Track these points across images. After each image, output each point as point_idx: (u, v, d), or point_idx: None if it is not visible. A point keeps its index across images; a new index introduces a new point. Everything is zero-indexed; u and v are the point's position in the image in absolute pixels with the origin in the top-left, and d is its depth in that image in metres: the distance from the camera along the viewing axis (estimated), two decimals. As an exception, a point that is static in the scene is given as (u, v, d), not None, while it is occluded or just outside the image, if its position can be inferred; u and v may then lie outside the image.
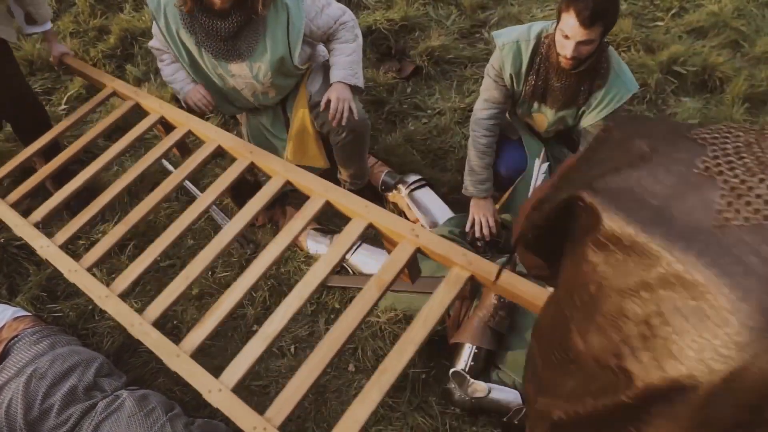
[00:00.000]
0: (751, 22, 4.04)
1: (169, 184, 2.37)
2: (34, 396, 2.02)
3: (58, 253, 2.17)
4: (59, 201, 2.36)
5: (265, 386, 2.45)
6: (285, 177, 2.24)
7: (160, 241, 2.21)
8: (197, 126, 2.48)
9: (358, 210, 2.08)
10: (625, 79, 2.45)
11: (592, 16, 2.14)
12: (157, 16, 2.47)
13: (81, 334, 2.56)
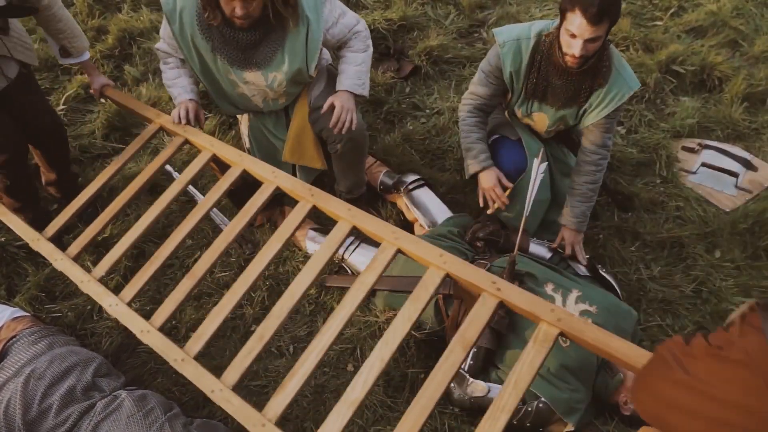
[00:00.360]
0: (749, 21, 4.04)
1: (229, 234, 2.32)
2: (32, 396, 2.02)
3: (129, 312, 2.14)
4: (120, 253, 2.32)
5: (263, 386, 2.45)
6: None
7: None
8: (252, 166, 2.40)
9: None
10: (627, 76, 2.45)
11: (599, 13, 2.14)
12: (171, 19, 2.44)
13: (79, 334, 2.56)
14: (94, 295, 2.20)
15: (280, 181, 2.30)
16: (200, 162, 2.49)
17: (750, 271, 2.78)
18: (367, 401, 2.36)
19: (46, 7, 2.46)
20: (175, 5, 2.41)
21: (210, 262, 2.19)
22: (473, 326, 1.83)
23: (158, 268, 2.25)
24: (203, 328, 2.05)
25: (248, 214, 2.29)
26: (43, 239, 2.41)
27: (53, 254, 2.34)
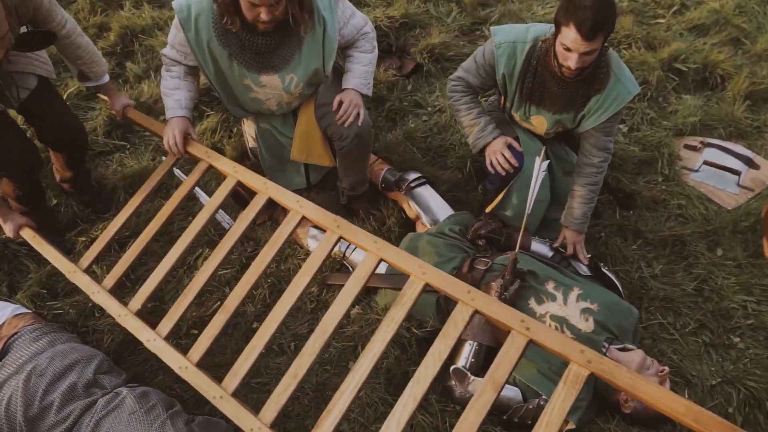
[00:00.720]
0: (752, 19, 4.03)
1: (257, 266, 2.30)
2: (33, 393, 2.02)
3: (166, 348, 2.14)
4: (154, 286, 2.32)
5: (265, 384, 2.45)
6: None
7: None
8: (278, 194, 2.38)
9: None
10: (626, 81, 2.43)
11: (593, 28, 2.13)
12: (186, 26, 2.42)
13: (81, 331, 2.56)
14: (132, 329, 2.19)
15: (305, 211, 2.29)
16: (225, 189, 2.48)
17: (752, 270, 2.77)
18: (367, 399, 2.36)
19: (64, 35, 2.45)
20: (189, 12, 2.39)
21: (242, 295, 2.19)
22: (503, 366, 1.81)
23: (192, 300, 2.25)
24: (239, 364, 2.06)
25: (276, 244, 2.30)
26: (79, 271, 2.40)
27: (90, 287, 2.34)
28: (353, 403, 2.34)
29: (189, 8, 2.38)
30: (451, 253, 2.56)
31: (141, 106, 3.51)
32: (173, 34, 2.52)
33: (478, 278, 2.45)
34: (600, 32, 2.16)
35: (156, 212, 2.56)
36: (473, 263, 2.51)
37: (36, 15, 2.30)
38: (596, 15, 2.10)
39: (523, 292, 2.36)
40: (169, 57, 2.61)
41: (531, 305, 2.35)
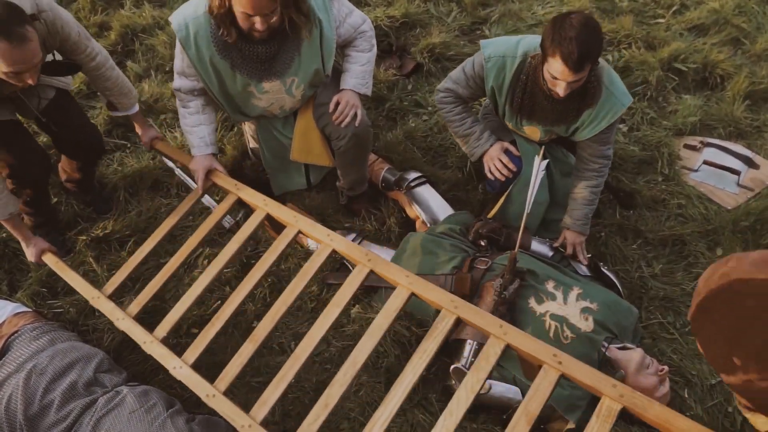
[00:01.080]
0: (752, 19, 4.03)
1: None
2: (34, 392, 2.02)
3: (193, 375, 2.13)
4: (180, 315, 2.31)
5: (265, 383, 2.44)
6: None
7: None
8: (308, 228, 2.39)
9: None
10: (618, 94, 2.41)
11: (579, 61, 2.12)
12: (186, 46, 2.43)
13: (81, 330, 2.56)
14: (159, 357, 2.18)
15: (335, 244, 2.30)
16: (254, 221, 2.49)
17: (751, 269, 2.77)
18: (367, 398, 2.36)
19: (93, 68, 2.49)
20: (188, 30, 2.40)
21: (270, 326, 2.19)
22: (536, 400, 1.81)
23: (219, 330, 2.25)
24: (268, 393, 2.07)
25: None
26: (103, 297, 2.39)
27: (114, 313, 2.33)
28: (352, 402, 2.36)
29: (187, 26, 2.40)
30: (452, 253, 2.57)
31: (142, 104, 3.51)
32: (179, 59, 2.53)
33: (478, 278, 2.45)
34: (587, 62, 2.16)
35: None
36: (473, 263, 2.52)
37: (63, 45, 2.34)
38: (582, 47, 2.10)
39: (523, 291, 2.36)
40: (183, 91, 2.61)
41: (531, 304, 2.35)
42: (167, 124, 3.42)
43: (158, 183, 3.13)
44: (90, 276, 2.77)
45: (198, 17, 2.38)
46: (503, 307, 2.29)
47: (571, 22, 2.13)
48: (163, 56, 3.79)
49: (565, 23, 2.13)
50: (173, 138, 3.33)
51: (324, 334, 2.12)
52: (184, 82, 2.58)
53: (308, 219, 2.41)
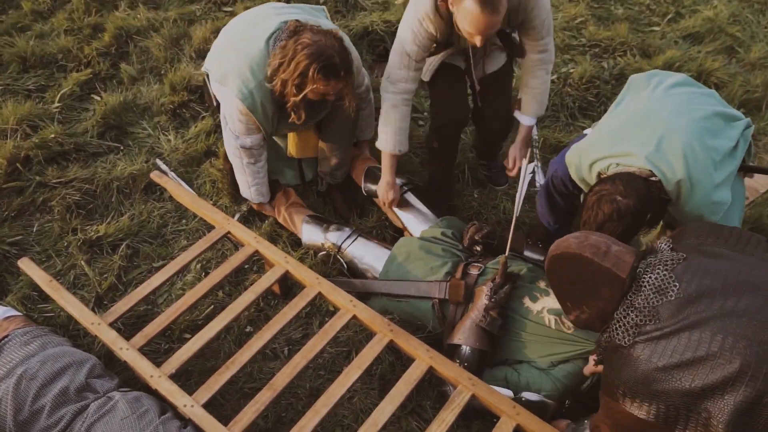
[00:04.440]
0: (746, 28, 4.05)
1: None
2: (24, 397, 2.00)
3: (205, 415, 2.06)
4: (191, 353, 2.26)
5: (258, 389, 2.42)
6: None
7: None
8: (330, 292, 2.43)
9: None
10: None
11: None
12: (254, 111, 2.55)
13: (72, 334, 2.53)
14: (166, 393, 2.12)
15: (358, 311, 2.34)
16: (273, 276, 2.49)
17: (746, 278, 2.78)
18: (361, 405, 2.35)
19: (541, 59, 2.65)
20: (254, 99, 2.53)
21: (289, 378, 2.19)
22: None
23: (235, 373, 2.22)
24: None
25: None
26: (104, 324, 2.30)
27: (116, 342, 2.26)
28: (346, 409, 2.34)
29: (252, 95, 2.53)
30: (444, 258, 2.56)
31: (138, 107, 3.50)
32: (241, 123, 2.60)
33: (472, 283, 2.44)
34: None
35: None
36: (466, 268, 2.51)
37: (523, 24, 2.53)
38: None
39: (516, 292, 2.35)
40: (255, 148, 2.71)
41: (526, 304, 2.34)
42: (161, 127, 3.40)
43: (151, 186, 3.11)
44: (81, 280, 2.75)
45: (260, 83, 2.50)
46: (494, 311, 2.28)
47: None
48: (158, 59, 3.77)
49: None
50: (167, 141, 3.31)
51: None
52: (253, 138, 2.67)
53: (329, 282, 2.45)
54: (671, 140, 2.03)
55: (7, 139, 3.22)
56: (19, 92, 3.57)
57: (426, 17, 2.39)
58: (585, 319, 1.75)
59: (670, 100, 2.19)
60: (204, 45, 3.82)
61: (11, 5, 4.19)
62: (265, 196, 2.88)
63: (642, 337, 1.59)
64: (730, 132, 2.16)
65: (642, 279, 1.65)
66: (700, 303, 1.56)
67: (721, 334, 1.51)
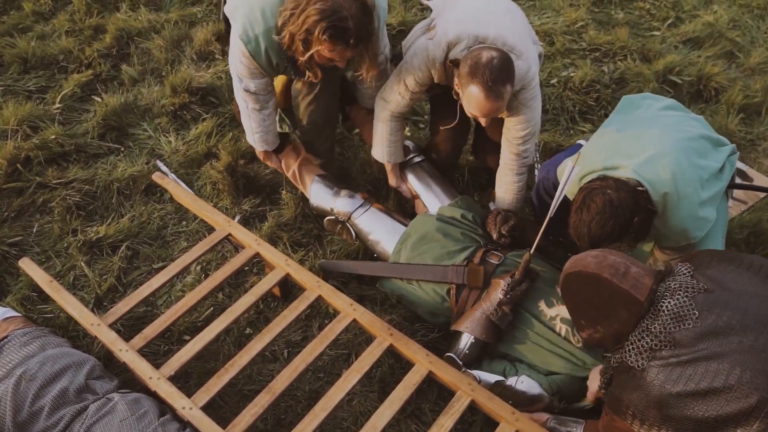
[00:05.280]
0: (746, 33, 4.06)
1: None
2: (23, 398, 1.99)
3: (203, 418, 2.06)
4: (190, 356, 2.25)
5: (258, 391, 2.42)
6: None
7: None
8: (330, 295, 2.43)
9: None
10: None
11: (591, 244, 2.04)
12: (256, 56, 2.41)
13: (71, 336, 2.53)
14: (165, 395, 2.12)
15: (357, 315, 2.34)
16: (273, 279, 2.48)
17: (745, 282, 2.78)
18: (360, 407, 2.35)
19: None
20: (258, 44, 2.38)
21: (288, 381, 2.19)
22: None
23: (234, 375, 2.22)
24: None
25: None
26: (103, 325, 2.31)
27: (116, 343, 2.26)
28: (345, 412, 2.34)
29: (257, 40, 2.37)
30: (464, 243, 2.51)
31: (138, 108, 3.50)
32: (243, 66, 2.47)
33: (491, 271, 2.41)
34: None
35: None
36: (485, 255, 2.46)
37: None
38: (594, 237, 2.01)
39: (533, 293, 2.33)
40: (260, 92, 2.57)
41: (541, 307, 2.32)
42: (162, 128, 3.40)
43: (152, 187, 3.11)
44: (81, 281, 2.74)
45: (269, 30, 2.32)
46: (507, 306, 2.27)
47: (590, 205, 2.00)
48: (159, 60, 3.77)
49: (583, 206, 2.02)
50: (167, 143, 3.31)
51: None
52: (257, 82, 2.53)
53: (329, 285, 2.45)
54: (661, 155, 2.06)
55: (7, 139, 3.22)
56: (20, 93, 3.57)
57: (434, 65, 2.39)
58: (598, 338, 1.74)
59: (661, 121, 2.25)
60: (205, 47, 3.83)
61: (12, 6, 4.19)
62: (269, 144, 2.76)
63: (657, 362, 1.58)
64: (716, 155, 2.20)
65: (661, 303, 1.64)
66: (718, 335, 1.55)
67: (739, 368, 1.50)
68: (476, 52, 2.19)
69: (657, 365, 1.58)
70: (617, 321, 1.66)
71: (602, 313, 1.69)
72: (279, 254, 2.55)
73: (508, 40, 2.27)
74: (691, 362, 1.54)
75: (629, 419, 1.64)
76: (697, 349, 1.54)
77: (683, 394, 1.53)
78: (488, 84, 2.13)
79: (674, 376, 1.55)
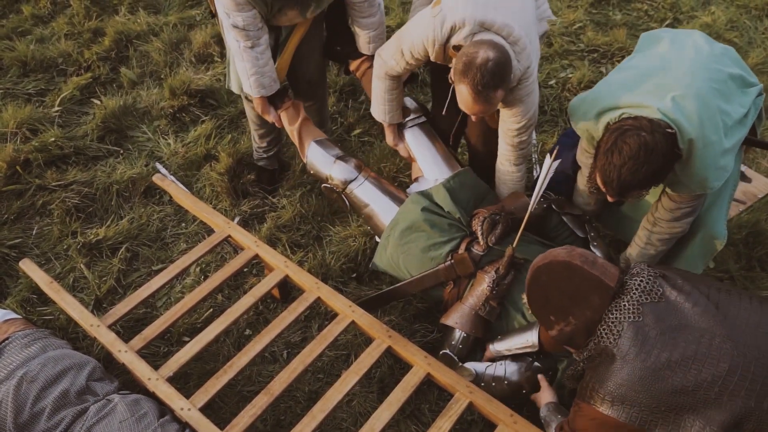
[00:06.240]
0: (744, 34, 4.07)
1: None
2: (24, 399, 2.00)
3: (201, 419, 2.06)
4: (189, 356, 2.25)
5: (257, 392, 2.42)
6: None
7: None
8: (329, 296, 2.43)
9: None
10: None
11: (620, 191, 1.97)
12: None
13: (71, 337, 2.54)
14: (164, 396, 2.12)
15: (356, 317, 2.34)
16: (272, 280, 2.49)
17: (744, 282, 2.79)
18: (360, 408, 2.35)
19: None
20: None
21: (287, 383, 2.18)
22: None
23: (233, 377, 2.21)
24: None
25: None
26: (103, 326, 2.31)
27: (115, 344, 2.26)
28: (345, 412, 2.34)
29: None
30: (449, 234, 2.45)
31: (137, 111, 3.51)
32: (233, 4, 2.36)
33: (476, 260, 2.37)
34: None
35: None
36: (470, 245, 2.42)
37: None
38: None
39: (518, 285, 2.32)
40: (250, 27, 2.41)
41: (524, 299, 2.28)
42: (161, 131, 3.41)
43: (151, 189, 3.11)
44: (81, 283, 2.75)
45: None
46: (494, 301, 2.27)
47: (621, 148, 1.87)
48: (157, 63, 3.78)
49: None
50: (167, 145, 3.32)
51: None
52: (245, 15, 2.39)
53: (327, 287, 2.45)
54: (687, 98, 1.93)
55: (7, 142, 3.23)
56: (20, 96, 3.58)
57: (432, 44, 2.29)
58: (569, 332, 1.71)
59: (686, 58, 2.07)
60: (204, 49, 3.84)
61: (12, 9, 4.21)
62: (266, 88, 2.60)
63: (628, 333, 1.60)
64: (743, 98, 2.09)
65: (628, 284, 1.68)
66: (685, 308, 1.61)
67: (708, 335, 1.55)
68: (473, 49, 2.11)
69: (629, 336, 1.59)
70: (589, 308, 1.66)
71: (575, 301, 1.68)
72: (278, 256, 2.55)
73: (514, 30, 2.16)
74: (662, 332, 1.57)
75: (599, 403, 1.64)
76: (667, 322, 1.58)
77: (658, 366, 1.54)
78: (478, 88, 2.09)
79: (647, 348, 1.56)
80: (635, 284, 1.67)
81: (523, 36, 2.18)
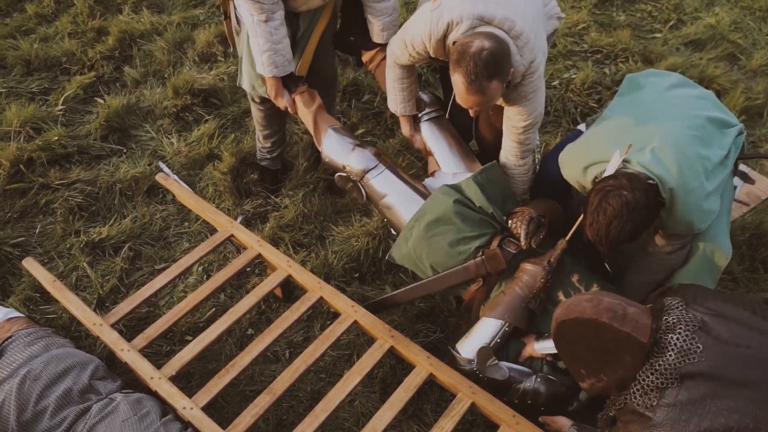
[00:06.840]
0: (748, 35, 4.06)
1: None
2: (27, 398, 2.00)
3: (204, 418, 2.06)
4: (191, 356, 2.25)
5: (259, 392, 2.42)
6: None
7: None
8: (331, 296, 2.43)
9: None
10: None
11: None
12: None
13: (74, 336, 2.54)
14: (166, 395, 2.12)
15: (359, 317, 2.35)
16: (275, 280, 2.49)
17: (747, 284, 2.78)
18: (362, 408, 2.35)
19: None
20: None
21: (289, 382, 2.18)
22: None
23: (235, 377, 2.21)
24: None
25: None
26: (106, 325, 2.31)
27: (118, 343, 2.26)
28: (347, 412, 2.34)
29: None
30: (479, 230, 2.36)
31: (141, 110, 3.51)
32: None
33: (508, 258, 2.31)
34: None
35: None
36: (502, 242, 2.35)
37: None
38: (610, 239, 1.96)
39: (557, 283, 2.28)
40: (265, 2, 2.34)
41: (560, 297, 2.27)
42: (164, 130, 3.41)
43: (154, 189, 3.11)
44: (83, 282, 2.75)
45: None
46: (545, 293, 2.22)
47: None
48: (161, 62, 3.79)
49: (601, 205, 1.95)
50: (170, 144, 3.32)
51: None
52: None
53: (330, 287, 2.45)
54: (665, 149, 2.02)
55: (10, 141, 3.23)
56: (23, 95, 3.58)
57: (429, 39, 2.26)
58: (601, 387, 1.64)
59: (666, 105, 2.18)
60: (207, 49, 3.84)
61: (16, 8, 4.21)
62: (279, 68, 2.50)
63: (665, 401, 1.53)
64: (722, 140, 2.16)
65: (664, 340, 1.59)
66: (726, 372, 1.52)
67: (754, 405, 1.47)
68: (468, 39, 2.07)
69: (665, 405, 1.52)
70: (622, 367, 1.59)
71: (606, 360, 1.60)
72: (281, 255, 2.55)
73: (516, 24, 2.11)
74: (700, 401, 1.49)
75: None
76: (706, 387, 1.50)
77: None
78: (470, 77, 2.04)
79: (685, 416, 1.49)
80: (671, 342, 1.57)
81: (526, 30, 2.14)
